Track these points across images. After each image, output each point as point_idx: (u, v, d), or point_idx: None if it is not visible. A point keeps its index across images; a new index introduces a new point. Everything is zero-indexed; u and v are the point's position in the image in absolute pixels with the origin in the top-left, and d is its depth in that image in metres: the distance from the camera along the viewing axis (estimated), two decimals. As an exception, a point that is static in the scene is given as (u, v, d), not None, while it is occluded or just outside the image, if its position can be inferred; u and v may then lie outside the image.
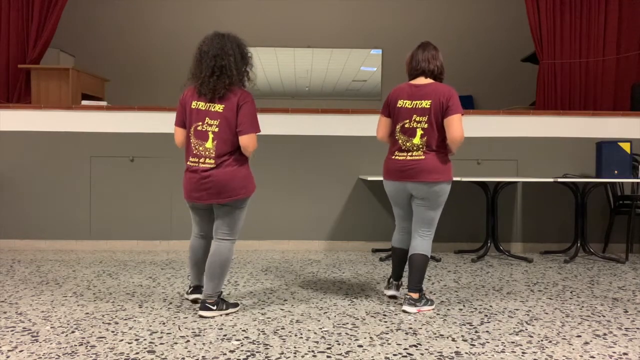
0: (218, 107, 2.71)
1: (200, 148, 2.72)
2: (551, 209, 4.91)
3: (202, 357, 2.23)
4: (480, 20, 7.85)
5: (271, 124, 4.86)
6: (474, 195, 4.82)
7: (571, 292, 3.37)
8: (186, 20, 7.78)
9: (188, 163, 2.78)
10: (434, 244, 4.98)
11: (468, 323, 2.71)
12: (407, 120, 2.94)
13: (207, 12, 7.81)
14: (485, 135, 4.92)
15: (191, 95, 2.77)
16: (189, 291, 3.06)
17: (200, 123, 2.72)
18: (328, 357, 2.24)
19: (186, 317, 2.77)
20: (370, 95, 7.83)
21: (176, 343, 2.39)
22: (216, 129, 2.71)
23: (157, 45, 7.71)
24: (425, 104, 2.90)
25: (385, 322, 2.72)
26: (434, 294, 3.31)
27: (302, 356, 2.24)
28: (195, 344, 2.37)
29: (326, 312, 2.88)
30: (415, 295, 2.91)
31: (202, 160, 2.72)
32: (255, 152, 2.82)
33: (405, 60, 3.09)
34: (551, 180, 4.22)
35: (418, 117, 2.92)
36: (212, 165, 2.70)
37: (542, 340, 2.46)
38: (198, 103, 2.73)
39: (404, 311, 2.90)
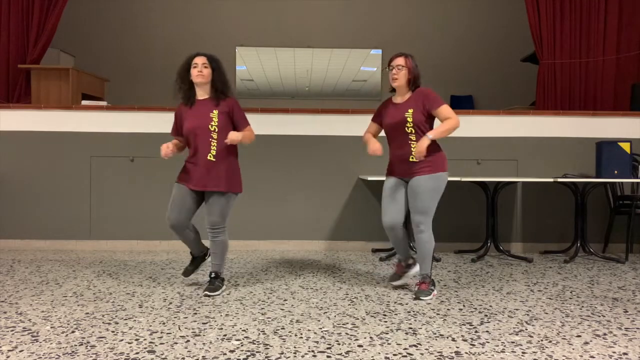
0: None
1: None
2: (551, 209, 4.91)
3: (202, 357, 2.23)
4: (480, 20, 7.85)
5: (271, 124, 4.87)
6: (474, 195, 4.82)
7: (571, 292, 3.37)
8: (186, 20, 7.79)
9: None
10: (434, 243, 5.00)
11: (468, 323, 2.71)
12: None
13: (206, 13, 7.81)
14: (485, 135, 4.92)
15: None
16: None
17: None
18: (328, 357, 2.24)
19: (186, 317, 2.77)
20: (370, 95, 7.83)
21: (176, 343, 2.39)
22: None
23: (157, 45, 7.72)
24: None
25: (385, 322, 2.72)
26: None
27: (302, 356, 2.24)
28: (195, 344, 2.37)
29: (326, 312, 2.89)
30: None
31: None
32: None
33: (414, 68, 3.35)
34: (551, 180, 4.22)
35: None
36: None
37: (542, 340, 2.46)
38: None
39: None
